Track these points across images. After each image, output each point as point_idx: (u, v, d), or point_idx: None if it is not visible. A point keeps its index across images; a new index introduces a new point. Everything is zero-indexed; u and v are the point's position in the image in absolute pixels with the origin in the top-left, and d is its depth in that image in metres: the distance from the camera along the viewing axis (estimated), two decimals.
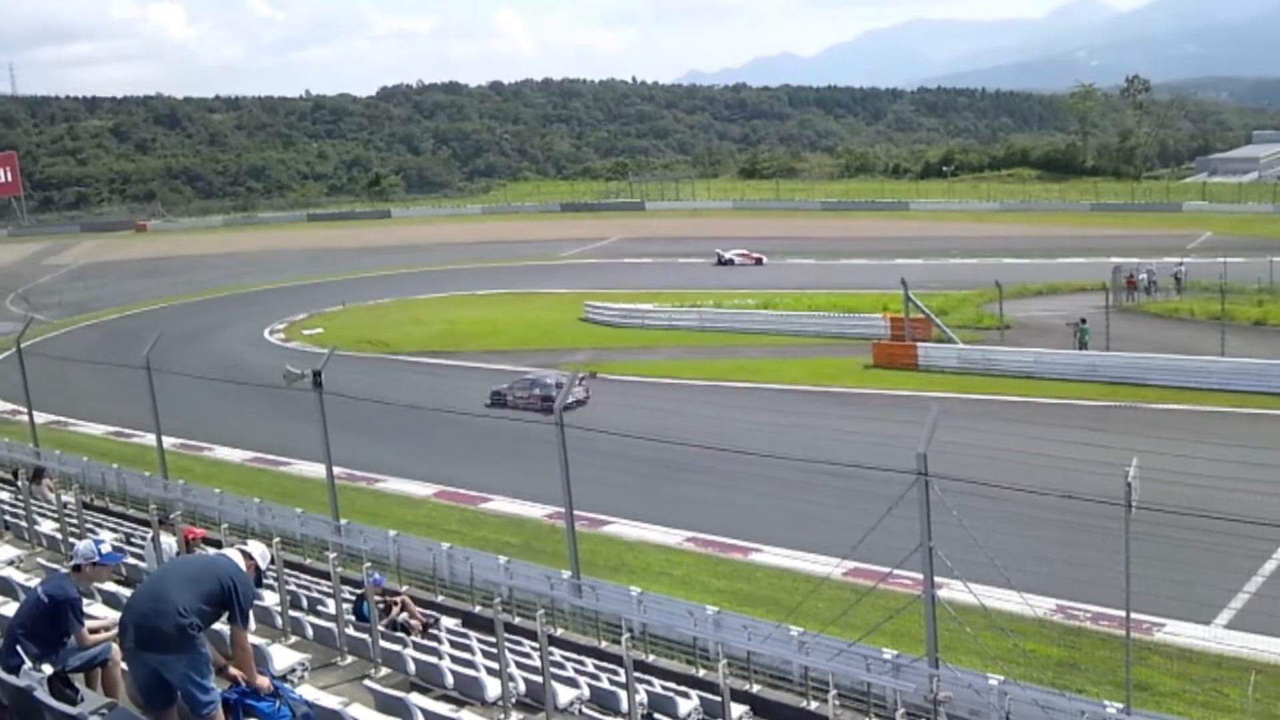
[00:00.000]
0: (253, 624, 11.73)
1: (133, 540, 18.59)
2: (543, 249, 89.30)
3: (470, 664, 12.39)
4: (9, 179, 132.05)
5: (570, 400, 41.43)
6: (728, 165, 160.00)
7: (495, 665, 11.54)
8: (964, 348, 42.45)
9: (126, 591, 11.99)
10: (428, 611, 16.49)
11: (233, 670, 8.42)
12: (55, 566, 12.66)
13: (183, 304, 71.01)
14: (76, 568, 9.09)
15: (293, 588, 15.22)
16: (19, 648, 8.45)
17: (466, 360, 48.47)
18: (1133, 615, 14.10)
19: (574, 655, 15.40)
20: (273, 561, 11.53)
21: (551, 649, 12.29)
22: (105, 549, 9.42)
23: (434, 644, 13.77)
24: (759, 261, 72.88)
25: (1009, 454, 22.65)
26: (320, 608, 14.87)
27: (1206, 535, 17.62)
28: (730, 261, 72.86)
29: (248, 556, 8.56)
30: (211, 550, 11.53)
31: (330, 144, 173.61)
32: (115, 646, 8.58)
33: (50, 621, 8.58)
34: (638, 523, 26.36)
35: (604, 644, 17.47)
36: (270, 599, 13.57)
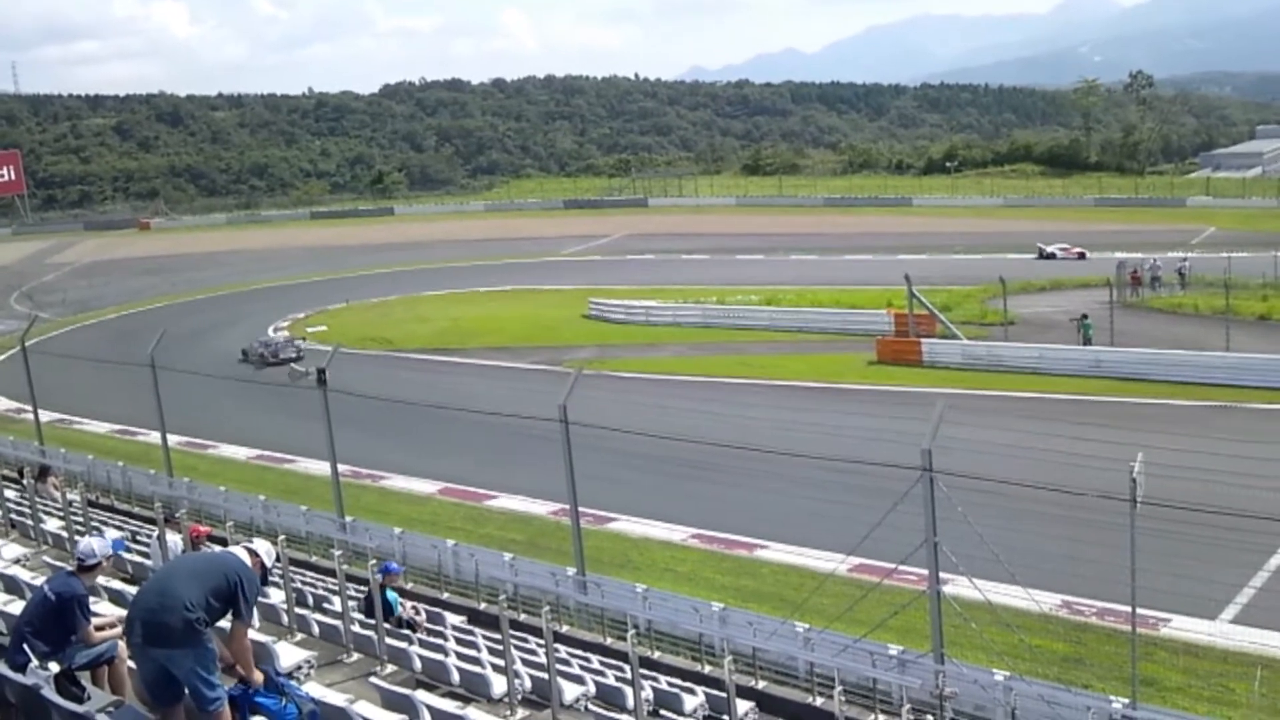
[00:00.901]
0: (257, 620, 11.75)
1: (138, 538, 18.59)
2: (546, 246, 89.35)
3: (476, 661, 12.40)
4: (12, 177, 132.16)
5: (287, 357, 43.40)
6: (730, 162, 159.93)
7: (501, 662, 11.53)
8: (968, 344, 42.42)
9: (132, 589, 12.00)
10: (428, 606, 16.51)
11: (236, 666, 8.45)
12: (61, 565, 12.68)
13: (187, 302, 71.06)
14: (93, 566, 9.10)
15: (298, 585, 15.24)
16: (26, 645, 8.46)
17: (470, 357, 48.49)
18: (1138, 611, 14.07)
19: (579, 652, 15.39)
20: (279, 559, 11.53)
21: (557, 646, 12.30)
22: (106, 542, 9.45)
23: (440, 640, 13.79)
24: (1081, 256, 68.96)
25: (1014, 449, 22.62)
26: (326, 605, 14.88)
27: (1212, 530, 17.61)
28: (1053, 255, 69.52)
29: (254, 554, 8.58)
30: (217, 548, 11.55)
31: (333, 141, 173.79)
32: (122, 644, 8.60)
33: (57, 619, 8.60)
34: (643, 519, 26.38)
35: (609, 640, 17.46)
36: (276, 596, 13.59)
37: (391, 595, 13.96)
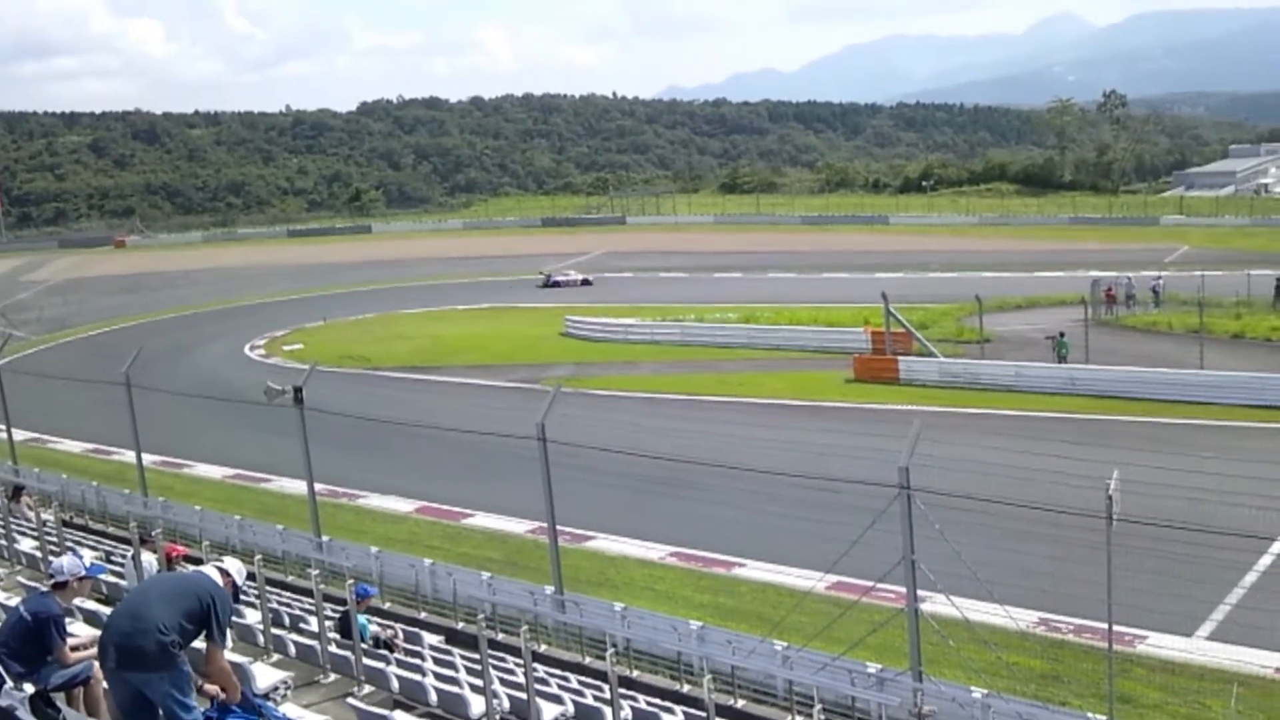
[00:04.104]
0: (231, 641, 11.67)
1: (113, 558, 18.45)
2: (524, 264, 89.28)
3: (454, 681, 12.33)
4: None
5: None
6: (708, 180, 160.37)
7: (479, 682, 11.48)
8: (945, 361, 42.56)
9: (106, 610, 11.90)
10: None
11: (208, 688, 8.40)
12: (35, 585, 12.57)
13: (162, 320, 70.70)
14: (60, 584, 9.03)
15: (274, 605, 15.14)
16: (1, 666, 8.39)
17: (448, 375, 48.37)
18: (1115, 628, 14.13)
19: (558, 671, 15.35)
20: (251, 578, 11.48)
21: (535, 665, 12.25)
22: (85, 562, 9.39)
23: (417, 661, 13.72)
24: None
25: (990, 467, 22.67)
26: (303, 625, 14.79)
27: (1187, 547, 17.67)
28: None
29: (225, 574, 8.55)
30: (190, 568, 11.47)
31: (310, 159, 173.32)
32: (97, 665, 8.53)
33: (33, 639, 8.53)
34: (620, 537, 26.30)
35: (588, 660, 17.42)
36: (252, 616, 13.50)
37: (362, 620, 13.84)
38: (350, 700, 10.83)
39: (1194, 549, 17.84)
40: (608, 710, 11.84)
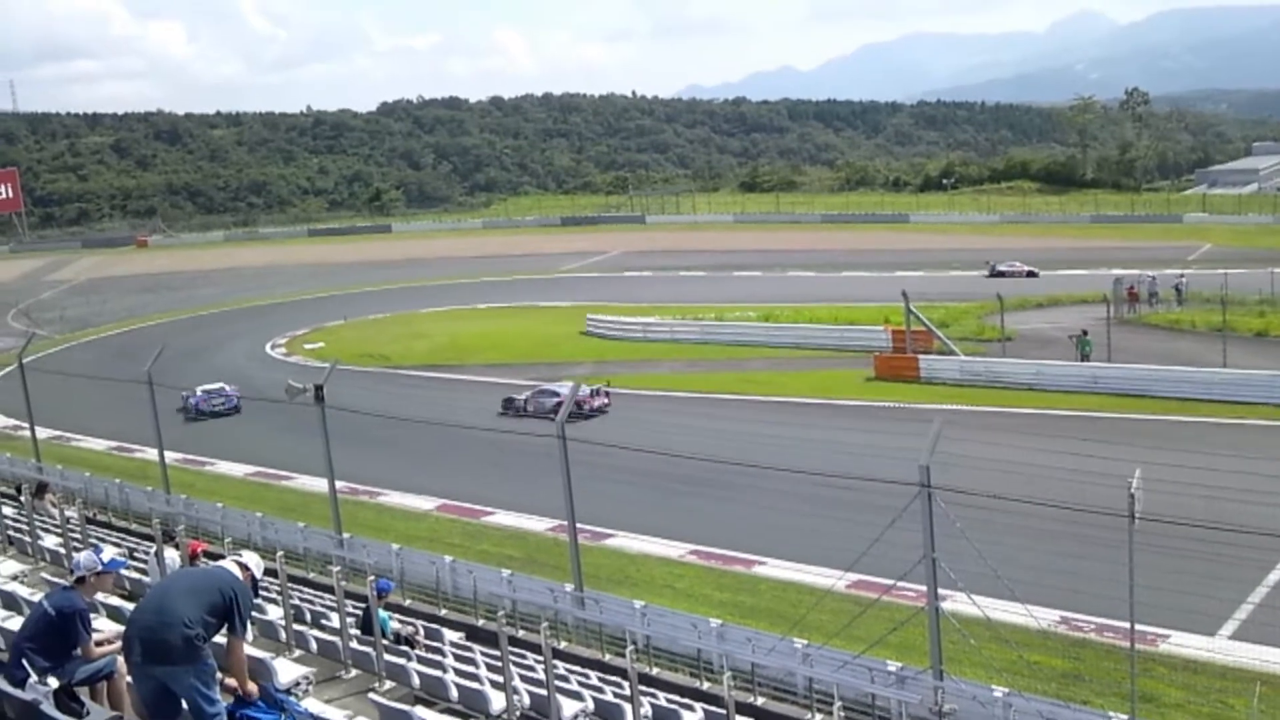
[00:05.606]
0: (251, 635, 11.74)
1: (136, 555, 18.56)
2: (543, 263, 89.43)
3: (474, 677, 12.37)
4: (10, 195, 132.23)
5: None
6: (728, 179, 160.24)
7: (499, 678, 11.51)
8: (966, 360, 42.42)
9: (130, 606, 11.97)
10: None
11: (229, 681, 8.46)
12: (59, 581, 12.67)
13: (184, 319, 71.07)
14: (81, 579, 9.09)
15: (296, 601, 15.21)
16: (25, 661, 8.45)
17: (468, 374, 48.51)
18: (1137, 627, 14.06)
19: (578, 668, 15.35)
20: (273, 574, 11.55)
21: (555, 662, 12.27)
22: (105, 557, 9.45)
23: (438, 657, 13.76)
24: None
25: (1012, 466, 22.60)
26: (324, 621, 14.85)
27: (1210, 546, 17.59)
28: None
29: (244, 567, 8.62)
30: (210, 563, 11.54)
31: (331, 159, 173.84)
32: (121, 659, 8.59)
33: (57, 634, 8.60)
34: (640, 535, 26.33)
35: (608, 657, 17.43)
36: (274, 613, 13.57)
37: (383, 615, 13.91)
38: (372, 696, 10.88)
39: (1217, 548, 17.76)
40: (628, 707, 11.84)
